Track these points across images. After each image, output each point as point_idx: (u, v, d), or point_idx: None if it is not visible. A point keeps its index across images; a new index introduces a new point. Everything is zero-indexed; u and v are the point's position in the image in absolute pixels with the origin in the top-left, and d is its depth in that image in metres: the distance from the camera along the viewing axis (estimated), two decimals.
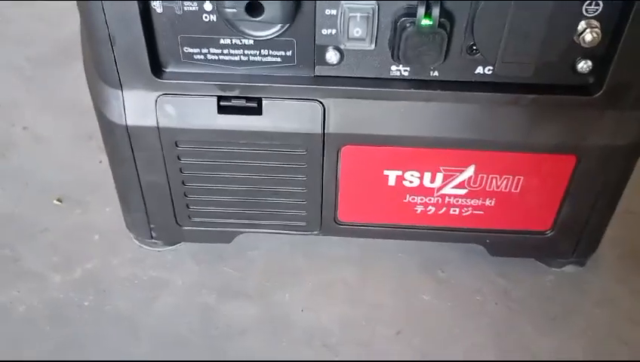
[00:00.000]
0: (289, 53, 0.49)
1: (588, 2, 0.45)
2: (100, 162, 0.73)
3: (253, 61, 0.49)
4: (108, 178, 0.61)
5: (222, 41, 0.48)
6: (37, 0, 0.96)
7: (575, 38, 0.46)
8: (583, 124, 0.51)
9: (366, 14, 0.45)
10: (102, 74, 0.49)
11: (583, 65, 0.49)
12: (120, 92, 0.50)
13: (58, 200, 0.69)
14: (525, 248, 0.62)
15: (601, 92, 0.48)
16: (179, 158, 0.54)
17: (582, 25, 0.46)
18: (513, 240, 0.60)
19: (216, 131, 0.51)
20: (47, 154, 0.75)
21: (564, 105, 0.50)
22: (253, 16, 0.44)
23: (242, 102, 0.50)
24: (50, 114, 0.79)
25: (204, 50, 0.49)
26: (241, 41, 0.48)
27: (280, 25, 0.45)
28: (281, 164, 0.54)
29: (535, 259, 0.64)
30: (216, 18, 0.46)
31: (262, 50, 0.49)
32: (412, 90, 0.49)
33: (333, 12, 0.46)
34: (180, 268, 0.65)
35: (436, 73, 0.49)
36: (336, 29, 0.47)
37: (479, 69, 0.49)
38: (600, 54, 0.48)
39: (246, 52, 0.49)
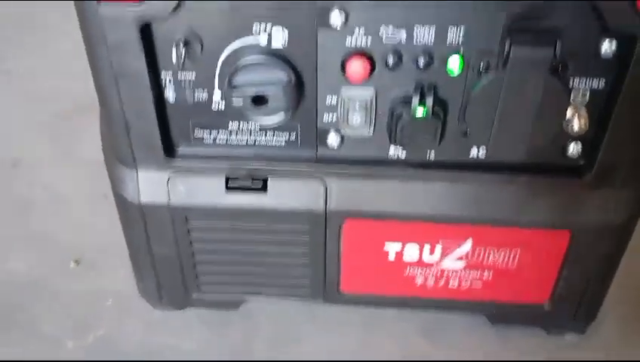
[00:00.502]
0: (293, 136, 0.52)
1: (576, 90, 0.48)
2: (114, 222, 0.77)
3: (259, 143, 0.52)
4: (121, 238, 0.63)
5: (230, 126, 0.51)
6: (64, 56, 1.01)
7: (564, 124, 0.49)
8: (576, 202, 0.52)
9: (364, 104, 0.49)
10: (118, 155, 0.53)
11: (573, 149, 0.51)
12: (135, 172, 0.53)
13: (75, 261, 0.72)
14: (524, 318, 0.63)
15: (592, 173, 0.51)
16: (189, 232, 0.57)
17: (570, 112, 0.48)
18: (512, 310, 0.61)
19: (224, 208, 0.54)
20: (65, 214, 0.78)
21: (557, 184, 0.52)
22: (258, 106, 0.48)
23: (249, 182, 0.53)
24: (69, 172, 0.83)
25: (214, 134, 0.52)
26: (248, 126, 0.52)
27: (284, 113, 0.49)
28: (285, 238, 0.56)
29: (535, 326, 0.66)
30: (225, 106, 0.50)
31: (267, 134, 0.52)
32: (409, 171, 0.52)
33: (334, 100, 0.50)
34: (188, 333, 0.66)
35: (432, 155, 0.52)
36: (337, 116, 0.50)
37: (474, 151, 0.52)
38: (589, 138, 0.50)
39: (252, 135, 0.52)
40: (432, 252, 0.58)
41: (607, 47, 0.44)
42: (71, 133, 0.90)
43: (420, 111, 0.47)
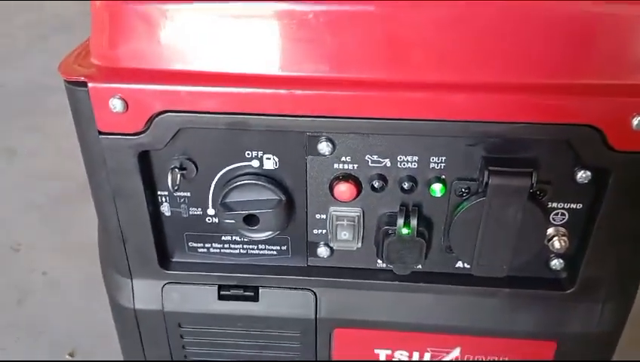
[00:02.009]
0: (284, 247, 0.54)
1: (555, 212, 0.50)
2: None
3: (252, 254, 0.54)
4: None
5: (223, 238, 0.53)
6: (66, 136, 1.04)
7: (545, 242, 0.51)
8: (560, 314, 0.53)
9: (352, 221, 0.51)
10: (114, 265, 0.55)
11: (556, 263, 0.52)
12: (130, 281, 0.55)
13: (70, 354, 0.73)
14: None
15: (574, 287, 0.52)
16: (182, 337, 0.58)
17: (551, 231, 0.50)
18: None
19: (216, 315, 0.55)
20: (61, 301, 0.79)
21: (541, 297, 0.53)
22: (250, 225, 0.50)
23: (240, 292, 0.54)
24: (67, 257, 0.84)
25: (207, 245, 0.54)
26: (240, 238, 0.53)
27: (274, 231, 0.51)
28: (276, 343, 0.57)
29: None
30: (218, 220, 0.52)
31: (259, 245, 0.54)
32: (397, 282, 0.54)
33: (323, 216, 0.51)
34: None
35: (419, 266, 0.53)
36: (326, 231, 0.52)
37: (459, 264, 0.53)
38: (571, 253, 0.51)
39: (245, 246, 0.54)
40: (421, 357, 0.58)
41: (582, 176, 0.46)
42: (71, 215, 0.92)
43: (404, 231, 0.49)
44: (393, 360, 0.58)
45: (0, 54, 0.99)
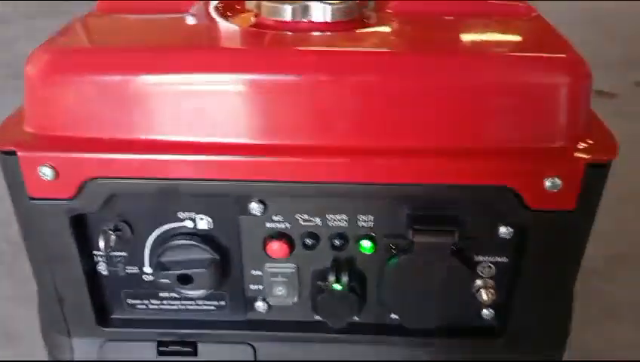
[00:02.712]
0: (222, 302, 0.54)
1: (481, 264, 0.52)
2: None
3: (190, 309, 0.55)
4: None
5: (161, 294, 0.54)
6: None
7: (474, 293, 0.52)
8: None
9: (286, 277, 0.52)
10: (53, 325, 0.54)
11: (486, 313, 0.54)
12: (68, 339, 0.55)
13: None
14: None
15: (504, 337, 0.54)
16: None
17: (478, 283, 0.52)
18: None
19: None
20: (10, 351, 0.78)
21: (473, 346, 0.55)
22: (185, 284, 0.50)
23: (179, 347, 0.55)
24: (21, 306, 0.83)
25: (146, 302, 0.54)
26: (178, 295, 0.54)
27: (208, 288, 0.52)
28: None
29: None
30: (154, 279, 0.53)
31: (197, 301, 0.54)
32: (333, 335, 0.55)
33: (259, 273, 0.52)
34: None
35: (355, 318, 0.55)
36: (263, 286, 0.53)
37: (393, 316, 0.55)
38: (501, 303, 0.53)
39: (183, 302, 0.54)
40: None
41: (504, 231, 0.48)
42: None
43: (336, 287, 0.50)
44: None
45: None
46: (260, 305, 0.54)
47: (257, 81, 0.44)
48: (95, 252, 0.51)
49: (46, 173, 0.44)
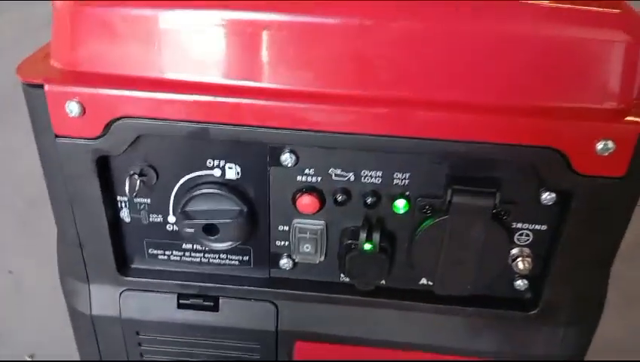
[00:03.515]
0: (246, 258, 0.53)
1: (519, 232, 0.49)
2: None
3: (213, 263, 0.53)
4: None
5: (184, 246, 0.52)
6: None
7: (510, 262, 0.50)
8: (522, 336, 0.53)
9: (314, 234, 0.50)
10: (71, 270, 0.53)
11: (520, 284, 0.52)
12: (87, 286, 0.54)
13: (30, 356, 0.71)
14: None
15: (537, 309, 0.52)
16: (139, 344, 0.56)
17: (514, 252, 0.50)
18: None
19: (174, 324, 0.54)
20: (25, 306, 0.77)
21: (504, 317, 0.53)
22: (210, 235, 0.49)
23: (200, 301, 0.53)
24: (34, 259, 0.82)
25: (168, 253, 0.53)
26: (201, 247, 0.52)
27: (234, 241, 0.50)
28: (236, 354, 0.56)
29: None
30: (178, 228, 0.51)
31: (221, 255, 0.53)
32: (359, 297, 0.53)
33: (286, 228, 0.51)
34: None
35: (383, 281, 0.53)
36: (289, 243, 0.51)
37: (423, 280, 0.53)
38: (535, 274, 0.51)
39: (206, 255, 0.53)
40: None
41: (547, 197, 0.46)
42: (46, 218, 0.90)
43: (367, 247, 0.48)
44: None
45: None
46: (284, 263, 0.52)
47: (300, 22, 0.42)
48: (119, 197, 0.49)
49: (73, 109, 0.42)
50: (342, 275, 0.53)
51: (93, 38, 0.43)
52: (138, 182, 0.47)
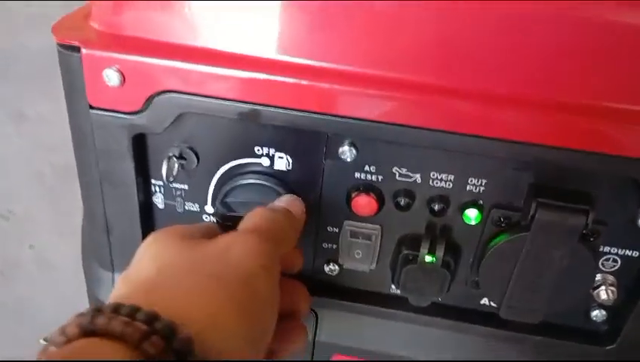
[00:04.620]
0: None
1: (606, 257, 0.43)
2: None
3: None
4: None
5: None
6: None
7: (591, 290, 0.44)
8: None
9: (368, 240, 0.44)
10: (96, 256, 0.49)
11: (597, 314, 0.45)
12: (111, 274, 0.49)
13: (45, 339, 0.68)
14: None
15: (615, 344, 0.45)
16: None
17: (598, 279, 0.43)
18: None
19: None
20: (47, 280, 0.74)
21: (576, 350, 0.47)
22: None
23: None
24: (58, 233, 0.79)
25: None
26: None
27: None
28: None
29: None
30: (216, 220, 0.46)
31: None
32: (410, 313, 0.47)
33: (336, 230, 0.45)
34: None
35: (439, 299, 0.47)
36: (338, 246, 0.46)
37: (485, 300, 0.47)
38: (616, 305, 0.45)
39: None
40: None
41: None
42: (72, 190, 0.87)
43: (428, 259, 0.43)
44: None
45: (32, 16, 0.93)
46: (330, 268, 0.47)
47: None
48: (153, 181, 0.44)
49: (111, 77, 0.37)
50: (393, 286, 0.47)
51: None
52: (176, 165, 0.42)
